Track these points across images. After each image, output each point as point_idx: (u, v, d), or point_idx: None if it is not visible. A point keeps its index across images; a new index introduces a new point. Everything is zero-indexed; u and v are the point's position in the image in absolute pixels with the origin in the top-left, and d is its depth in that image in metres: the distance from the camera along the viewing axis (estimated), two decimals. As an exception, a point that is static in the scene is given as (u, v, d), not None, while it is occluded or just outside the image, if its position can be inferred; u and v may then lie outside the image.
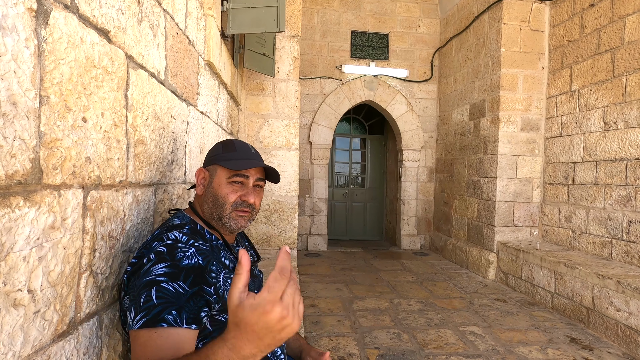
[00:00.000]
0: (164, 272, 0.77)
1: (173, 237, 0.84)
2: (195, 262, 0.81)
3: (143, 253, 0.82)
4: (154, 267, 0.78)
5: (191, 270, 0.79)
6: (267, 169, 1.01)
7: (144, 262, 0.80)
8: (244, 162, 0.96)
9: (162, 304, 0.73)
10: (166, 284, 0.75)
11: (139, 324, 0.73)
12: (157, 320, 0.72)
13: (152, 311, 0.73)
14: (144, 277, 0.77)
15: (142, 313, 0.73)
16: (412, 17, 5.82)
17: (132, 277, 0.81)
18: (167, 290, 0.75)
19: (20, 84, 0.58)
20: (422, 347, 2.51)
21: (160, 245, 0.82)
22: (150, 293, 0.74)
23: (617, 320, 2.65)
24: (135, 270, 0.80)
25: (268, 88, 3.67)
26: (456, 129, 5.19)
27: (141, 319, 0.73)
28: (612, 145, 3.28)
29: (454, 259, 4.99)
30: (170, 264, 0.78)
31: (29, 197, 0.61)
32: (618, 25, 3.25)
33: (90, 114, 0.78)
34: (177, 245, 0.82)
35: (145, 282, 0.76)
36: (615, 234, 3.21)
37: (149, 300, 0.74)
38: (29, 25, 0.60)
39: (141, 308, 0.73)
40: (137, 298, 0.75)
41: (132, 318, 0.74)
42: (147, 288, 0.75)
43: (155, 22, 1.14)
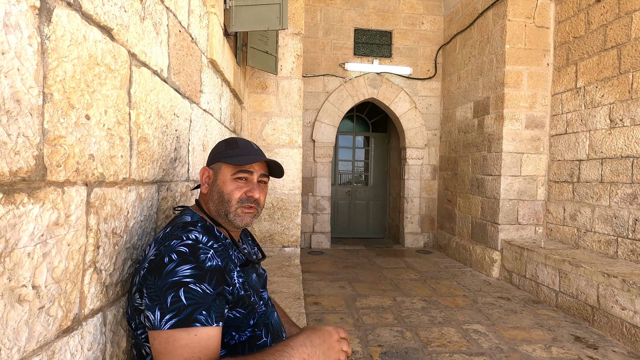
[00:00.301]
0: (191, 274, 0.77)
1: (194, 237, 0.85)
2: (216, 263, 0.83)
3: (161, 251, 0.81)
4: (178, 268, 0.78)
5: (214, 272, 0.81)
6: (270, 164, 1.02)
7: (164, 262, 0.79)
8: (247, 157, 0.96)
9: (193, 304, 0.75)
10: (194, 286, 0.77)
11: (169, 324, 0.73)
12: (190, 321, 0.74)
13: (182, 312, 0.74)
14: (169, 277, 0.77)
15: (172, 313, 0.74)
16: (415, 14, 5.78)
17: (150, 276, 0.79)
18: (195, 291, 0.76)
19: (24, 82, 0.58)
20: (425, 345, 2.51)
21: (181, 244, 0.82)
22: (179, 294, 0.75)
23: (622, 318, 2.63)
24: (154, 268, 0.79)
25: (271, 86, 3.66)
26: (460, 126, 5.16)
27: (171, 319, 0.73)
28: (618, 143, 3.25)
29: (457, 257, 4.98)
30: (195, 265, 0.79)
31: (33, 193, 0.61)
32: (624, 21, 3.21)
33: (93, 111, 0.78)
34: (198, 246, 0.83)
35: (171, 283, 0.76)
36: (620, 232, 3.18)
37: (178, 301, 0.74)
38: (32, 22, 0.60)
39: (169, 309, 0.74)
40: (162, 298, 0.75)
41: (156, 318, 0.74)
42: (175, 289, 0.75)
43: (158, 20, 1.14)
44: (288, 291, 2.54)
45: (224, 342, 0.88)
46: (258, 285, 1.01)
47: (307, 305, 3.16)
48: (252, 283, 0.97)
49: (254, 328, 0.94)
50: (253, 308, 0.92)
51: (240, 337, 0.91)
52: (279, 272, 3.01)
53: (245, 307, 0.90)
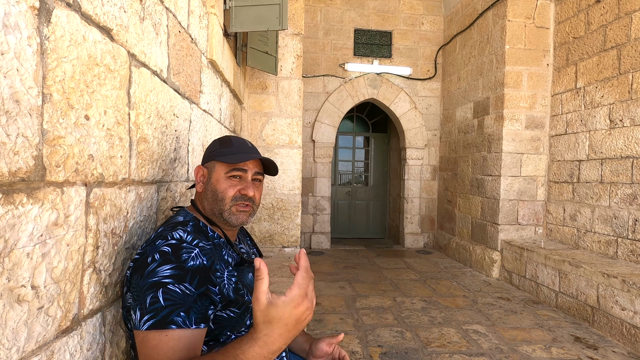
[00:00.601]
0: (170, 274, 0.77)
1: (177, 236, 0.84)
2: (200, 263, 0.82)
3: (146, 250, 0.82)
4: (159, 268, 0.77)
5: (197, 271, 0.80)
6: (265, 162, 1.02)
7: (147, 261, 0.79)
8: (241, 155, 0.96)
9: (170, 305, 0.74)
10: (173, 286, 0.76)
11: (146, 325, 0.73)
12: (166, 322, 0.73)
13: (160, 313, 0.73)
14: (149, 277, 0.76)
15: (150, 314, 0.73)
16: (415, 15, 5.79)
17: (134, 275, 0.80)
18: (174, 292, 0.75)
19: (23, 82, 0.58)
20: (425, 345, 2.51)
21: (164, 244, 0.82)
22: (157, 294, 0.74)
23: (622, 319, 2.63)
24: (138, 267, 0.80)
25: (271, 86, 3.67)
26: (460, 127, 5.16)
27: (149, 320, 0.73)
28: (617, 143, 3.25)
29: (457, 257, 4.98)
30: (175, 265, 0.78)
31: (32, 194, 0.61)
32: (624, 22, 3.21)
33: (92, 111, 0.78)
34: (181, 245, 0.82)
35: (151, 283, 0.76)
36: (620, 232, 3.18)
37: (156, 302, 0.74)
38: (32, 23, 0.60)
39: (148, 309, 0.74)
40: (142, 298, 0.75)
41: (137, 318, 0.75)
42: (154, 289, 0.75)
43: (158, 20, 1.14)
44: (288, 291, 2.54)
45: (220, 341, 0.88)
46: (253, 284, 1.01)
47: (307, 305, 3.16)
48: (248, 282, 0.97)
49: (250, 327, 0.93)
50: (248, 307, 0.92)
51: (236, 336, 0.90)
52: (279, 273, 3.01)
53: (240, 307, 0.89)
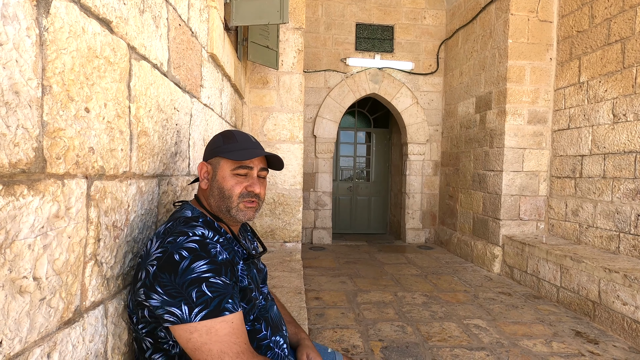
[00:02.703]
0: (208, 269, 0.81)
1: (200, 232, 0.86)
2: (225, 257, 0.86)
3: (168, 248, 0.82)
4: (194, 264, 0.80)
5: (226, 264, 0.85)
6: (269, 157, 1.02)
7: (175, 259, 0.80)
8: (246, 152, 0.96)
9: (217, 296, 0.79)
10: (214, 279, 0.80)
11: (200, 316, 0.77)
12: (220, 310, 0.78)
13: (211, 303, 0.78)
14: (187, 274, 0.79)
15: (201, 306, 0.77)
16: (417, 9, 5.74)
17: (162, 274, 0.79)
18: (216, 284, 0.80)
19: (22, 73, 0.58)
20: (426, 339, 2.52)
21: (188, 241, 0.83)
22: (202, 288, 0.78)
23: (623, 314, 2.63)
24: (165, 266, 0.80)
25: (272, 81, 3.65)
26: (462, 122, 5.14)
27: (201, 312, 0.77)
28: (621, 138, 3.23)
29: (458, 252, 4.98)
30: (209, 260, 0.82)
31: (32, 185, 0.61)
32: (629, 15, 3.18)
33: (93, 104, 0.78)
34: (206, 241, 0.85)
35: (191, 279, 0.78)
36: (623, 227, 3.17)
37: (203, 295, 0.78)
38: (30, 14, 0.60)
39: (197, 302, 0.77)
40: (185, 294, 0.78)
41: (185, 312, 0.77)
42: (197, 284, 0.78)
43: (158, 13, 1.14)
44: (289, 286, 2.55)
45: None
46: (258, 280, 1.02)
47: (309, 300, 3.17)
48: (253, 277, 0.97)
49: (253, 322, 0.94)
50: (254, 303, 0.93)
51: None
52: (280, 267, 3.02)
53: (248, 302, 0.91)
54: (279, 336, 0.99)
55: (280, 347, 0.98)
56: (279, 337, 0.99)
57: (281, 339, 1.00)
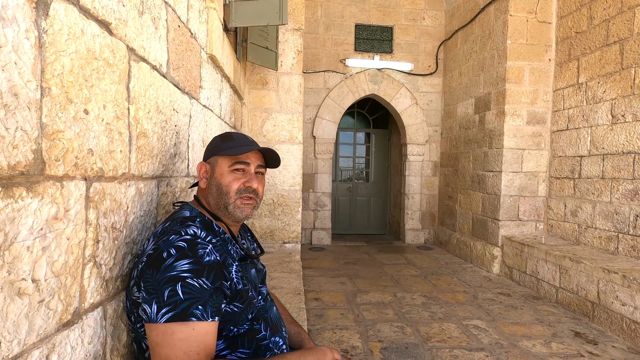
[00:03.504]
0: (189, 269, 0.78)
1: (192, 232, 0.85)
2: (214, 258, 0.84)
3: (160, 245, 0.82)
4: (177, 262, 0.79)
5: (212, 266, 0.82)
6: (266, 155, 1.03)
7: (163, 256, 0.80)
8: (242, 148, 0.97)
9: (189, 299, 0.76)
10: (191, 280, 0.78)
11: (165, 318, 0.74)
12: (186, 315, 0.75)
13: (179, 306, 0.75)
14: (167, 272, 0.78)
15: (169, 307, 0.75)
16: (416, 10, 5.75)
17: (148, 270, 0.80)
18: (192, 286, 0.77)
19: (22, 75, 0.58)
20: (426, 340, 2.52)
21: (179, 239, 0.83)
22: (176, 288, 0.76)
23: (622, 314, 2.63)
24: (153, 262, 0.80)
25: (271, 82, 3.66)
26: (461, 122, 5.15)
27: (167, 313, 0.74)
28: (619, 139, 3.23)
29: (458, 253, 4.98)
30: (193, 260, 0.80)
31: (31, 187, 0.61)
32: (627, 16, 3.19)
33: (92, 106, 0.78)
34: (196, 241, 0.84)
35: (169, 277, 0.77)
36: (621, 228, 3.17)
37: (175, 295, 0.75)
38: (29, 16, 0.60)
39: (166, 302, 0.75)
40: (159, 292, 0.76)
41: (153, 311, 0.75)
42: (172, 283, 0.76)
43: (157, 15, 1.14)
44: (288, 287, 2.55)
45: (223, 334, 0.89)
46: (257, 280, 1.02)
47: (308, 300, 3.17)
48: (251, 278, 0.97)
49: (252, 322, 0.94)
50: (250, 302, 0.93)
51: (238, 330, 0.91)
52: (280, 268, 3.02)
53: (243, 302, 0.90)
54: (278, 337, 0.99)
55: (280, 348, 0.98)
56: (279, 337, 0.99)
57: (280, 340, 1.00)
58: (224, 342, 0.89)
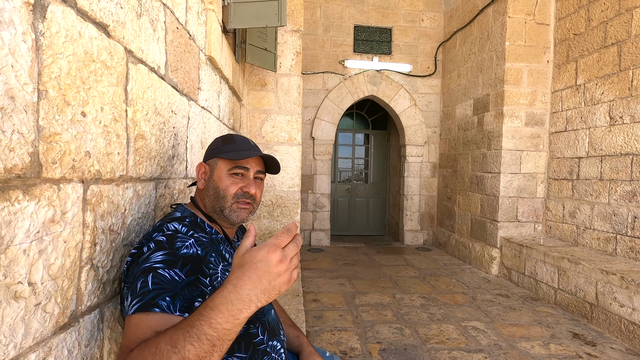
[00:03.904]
0: (162, 260, 0.77)
1: (173, 227, 0.86)
2: (193, 252, 0.82)
3: (142, 243, 0.83)
4: (152, 255, 0.78)
5: (189, 259, 0.80)
6: (267, 161, 1.02)
7: (143, 251, 0.80)
8: (243, 152, 0.97)
9: (157, 289, 0.73)
10: (163, 271, 0.76)
11: (133, 309, 0.73)
12: (150, 305, 0.72)
13: (146, 296, 0.73)
14: (142, 264, 0.77)
15: (138, 298, 0.73)
16: (415, 11, 5.76)
17: (131, 267, 0.81)
18: (162, 276, 0.75)
19: (18, 78, 0.58)
20: (424, 341, 2.52)
21: (160, 235, 0.83)
22: (147, 279, 0.74)
23: (620, 315, 2.63)
24: (135, 259, 0.81)
25: (270, 83, 3.66)
26: (460, 124, 5.16)
27: (135, 304, 0.73)
28: (617, 140, 3.24)
29: (457, 254, 4.99)
30: (168, 251, 0.79)
31: (28, 190, 0.61)
32: (625, 18, 3.20)
33: (89, 108, 0.78)
34: (176, 235, 0.84)
35: (143, 269, 0.76)
36: (620, 229, 3.18)
37: (145, 286, 0.74)
38: (26, 19, 0.60)
39: (137, 293, 0.74)
40: (133, 284, 0.76)
41: (127, 304, 0.75)
42: (145, 274, 0.75)
43: (155, 17, 1.14)
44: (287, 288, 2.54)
45: None
46: None
47: (307, 302, 3.17)
48: None
49: (249, 325, 0.93)
50: None
51: None
52: (278, 270, 3.02)
53: None
54: (276, 341, 0.99)
55: (277, 352, 0.98)
56: (276, 341, 0.99)
57: (278, 344, 1.00)
58: None
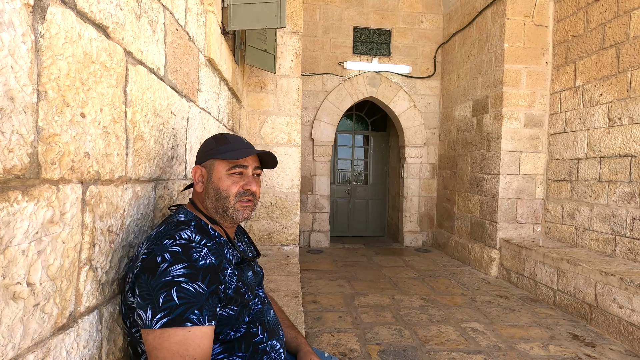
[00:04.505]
0: (183, 273, 0.78)
1: (186, 236, 0.85)
2: (210, 261, 0.83)
3: (153, 249, 0.82)
4: (171, 267, 0.78)
5: (208, 270, 0.82)
6: (263, 156, 1.03)
7: (157, 261, 0.79)
8: (240, 152, 0.97)
9: (184, 304, 0.75)
10: (186, 285, 0.77)
11: (160, 323, 0.74)
12: (182, 320, 0.74)
13: (174, 311, 0.74)
14: (162, 277, 0.77)
15: (163, 312, 0.74)
16: (415, 13, 5.78)
17: (142, 275, 0.80)
18: (187, 290, 0.77)
19: (18, 79, 0.58)
20: (424, 343, 2.52)
21: (174, 244, 0.82)
22: (171, 293, 0.75)
23: (619, 317, 2.63)
24: (147, 267, 0.80)
25: (269, 84, 3.66)
26: (459, 125, 5.17)
27: (163, 318, 0.74)
28: (616, 142, 3.25)
29: (456, 255, 4.99)
30: (188, 264, 0.79)
31: (27, 191, 0.61)
32: (623, 20, 3.21)
33: (88, 109, 0.78)
34: (191, 245, 0.83)
35: (164, 282, 0.76)
36: (618, 230, 3.18)
37: (170, 300, 0.75)
38: (26, 20, 0.60)
39: (161, 308, 0.75)
40: (154, 297, 0.76)
41: (148, 317, 0.75)
42: (167, 288, 0.76)
43: (155, 18, 1.14)
44: (286, 289, 2.54)
45: (219, 338, 0.89)
46: (254, 282, 1.02)
47: (306, 303, 3.17)
48: (247, 280, 0.97)
49: (249, 324, 0.94)
50: (246, 305, 0.92)
51: (235, 333, 0.91)
52: (278, 271, 3.02)
53: (238, 305, 0.90)
54: (275, 340, 0.99)
55: (277, 352, 0.98)
56: (276, 341, 0.99)
57: (278, 344, 1.00)
58: (220, 345, 0.89)
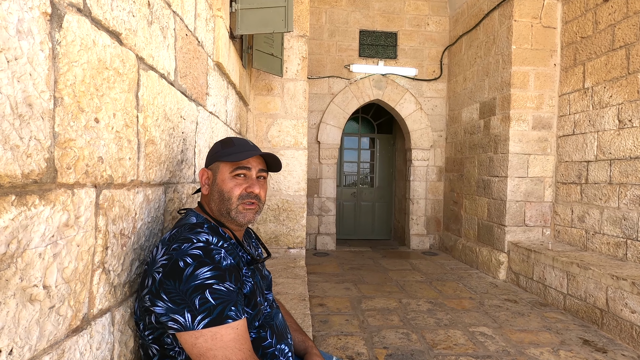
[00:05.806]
0: (212, 275, 0.81)
1: (204, 239, 0.87)
2: (230, 262, 0.86)
3: (173, 255, 0.83)
4: (198, 271, 0.80)
5: (231, 270, 0.85)
6: (267, 159, 1.03)
7: (180, 266, 0.81)
8: (243, 154, 0.98)
9: (221, 303, 0.79)
10: (217, 286, 0.80)
11: (202, 324, 0.77)
12: (223, 318, 0.78)
13: (213, 311, 0.78)
14: (191, 281, 0.79)
15: (204, 314, 0.77)
16: (421, 15, 5.77)
17: (167, 281, 0.80)
18: (220, 291, 0.80)
19: (36, 86, 0.60)
20: (431, 347, 2.50)
21: (193, 247, 0.84)
22: (205, 295, 0.78)
23: (632, 322, 2.59)
24: (170, 273, 0.81)
25: (276, 88, 3.68)
26: (466, 127, 5.14)
27: (204, 319, 0.77)
28: (627, 144, 3.21)
29: (463, 259, 4.95)
30: (213, 266, 0.82)
31: (44, 195, 0.63)
32: (633, 21, 3.18)
33: (102, 114, 0.80)
34: (210, 247, 0.85)
35: (195, 286, 0.79)
36: (630, 234, 3.14)
37: (206, 302, 0.78)
38: (44, 28, 0.61)
39: (200, 310, 0.77)
40: (188, 301, 0.78)
41: (188, 320, 0.77)
42: (200, 291, 0.79)
43: (165, 24, 1.16)
44: (293, 292, 2.55)
45: None
46: (262, 286, 1.02)
47: (313, 306, 3.16)
48: (256, 282, 0.98)
49: (259, 329, 0.94)
50: (259, 309, 0.93)
51: None
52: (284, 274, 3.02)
53: (253, 308, 0.91)
54: (284, 344, 0.99)
55: (285, 356, 0.98)
56: (284, 345, 0.99)
57: (286, 347, 1.00)
58: None
